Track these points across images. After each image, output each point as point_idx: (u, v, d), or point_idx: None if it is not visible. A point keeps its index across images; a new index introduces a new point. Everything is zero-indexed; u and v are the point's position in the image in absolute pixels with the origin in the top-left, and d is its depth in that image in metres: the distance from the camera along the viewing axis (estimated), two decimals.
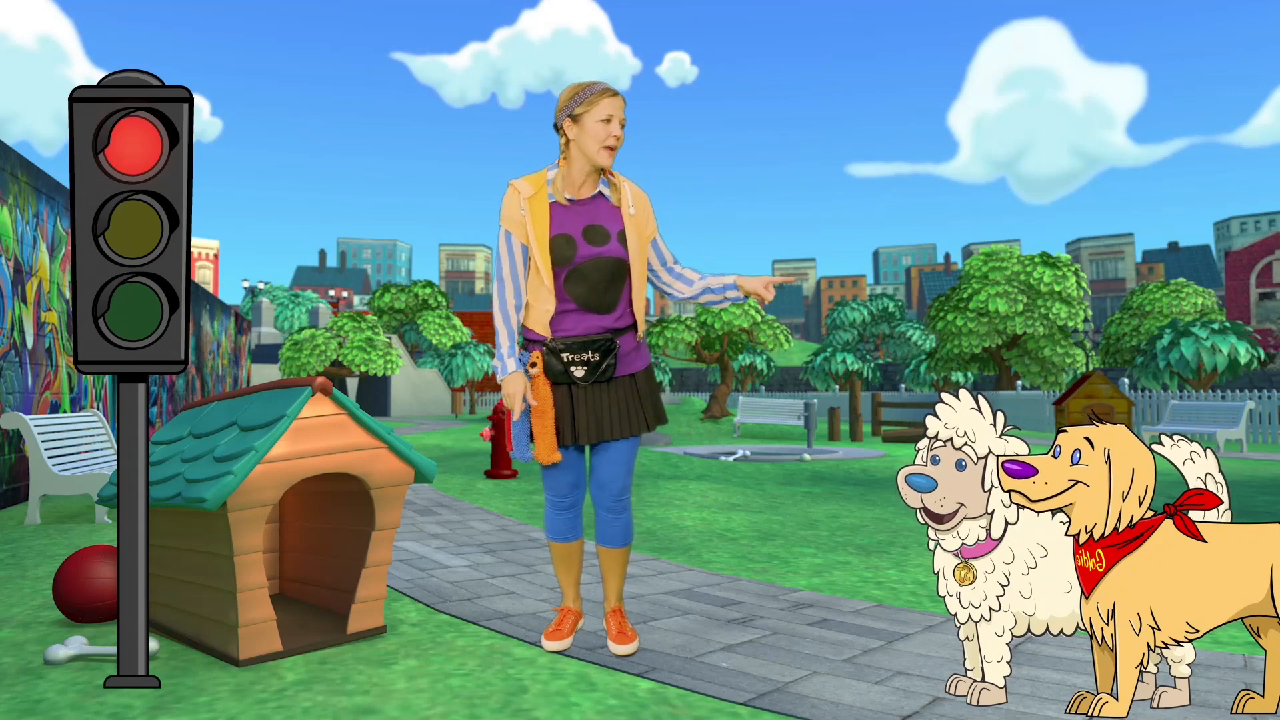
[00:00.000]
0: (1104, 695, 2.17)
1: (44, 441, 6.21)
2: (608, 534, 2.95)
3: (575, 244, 2.75)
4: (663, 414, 2.96)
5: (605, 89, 2.71)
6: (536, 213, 2.76)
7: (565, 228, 2.76)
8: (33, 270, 7.50)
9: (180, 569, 3.14)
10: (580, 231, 2.77)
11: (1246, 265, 62.64)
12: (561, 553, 3.01)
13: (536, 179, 2.80)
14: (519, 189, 2.78)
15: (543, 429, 2.78)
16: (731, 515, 6.62)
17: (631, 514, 2.98)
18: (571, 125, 2.73)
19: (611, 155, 2.73)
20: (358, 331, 31.36)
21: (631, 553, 4.04)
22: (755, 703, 2.48)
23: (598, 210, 2.82)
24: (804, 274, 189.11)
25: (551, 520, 2.99)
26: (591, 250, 2.76)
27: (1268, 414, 17.33)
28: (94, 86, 2.58)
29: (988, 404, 2.26)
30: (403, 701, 2.49)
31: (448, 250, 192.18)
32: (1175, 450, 2.33)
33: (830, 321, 56.79)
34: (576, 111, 2.71)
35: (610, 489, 2.89)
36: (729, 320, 23.33)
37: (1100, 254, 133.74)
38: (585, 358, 2.77)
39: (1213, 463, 2.30)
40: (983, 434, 2.23)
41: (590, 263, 2.75)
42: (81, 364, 2.62)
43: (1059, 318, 24.79)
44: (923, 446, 2.30)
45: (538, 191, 2.77)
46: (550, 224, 2.76)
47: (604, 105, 2.69)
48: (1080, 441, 2.09)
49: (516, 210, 2.77)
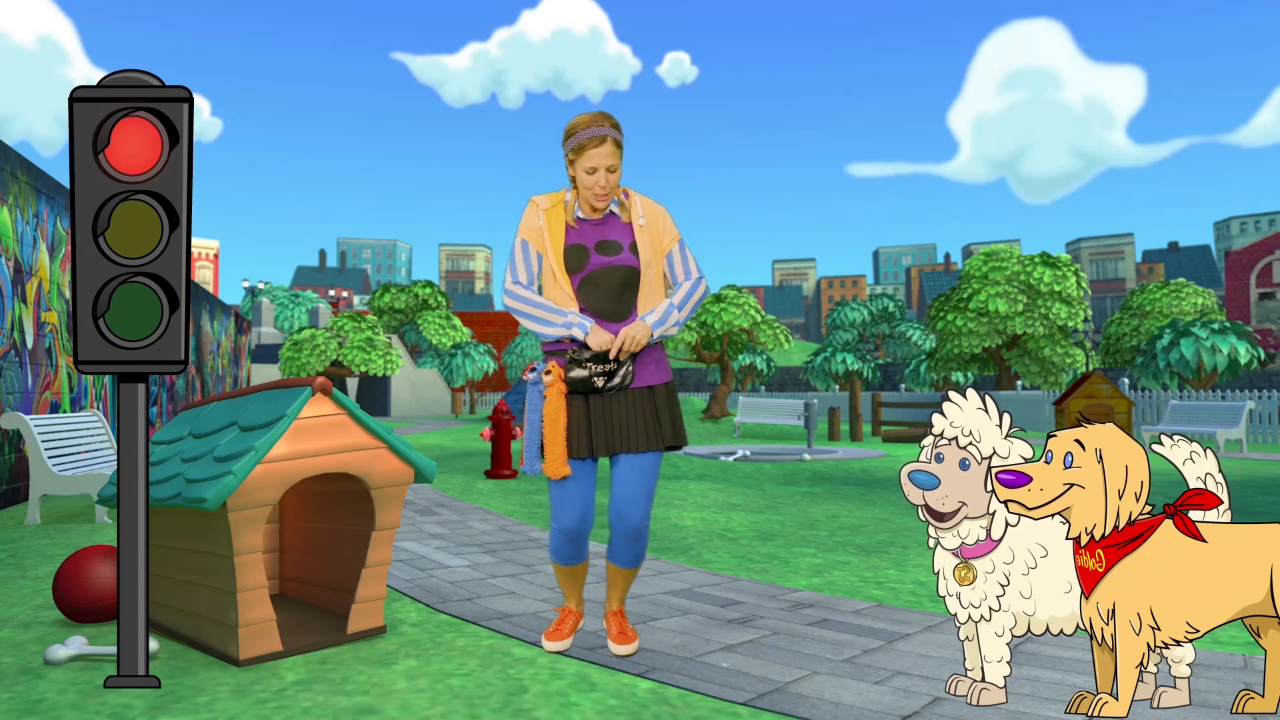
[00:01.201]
0: (1104, 695, 2.17)
1: (44, 441, 6.21)
2: (620, 556, 2.90)
3: (588, 254, 2.83)
4: (683, 433, 2.89)
5: (592, 138, 2.73)
6: (553, 224, 2.86)
7: (580, 240, 2.86)
8: (33, 270, 7.50)
9: (180, 569, 3.14)
10: (593, 244, 2.84)
11: (1246, 265, 62.64)
12: (568, 574, 2.98)
13: (555, 196, 2.91)
14: (538, 203, 2.90)
15: (553, 439, 2.75)
16: (731, 515, 6.62)
17: (648, 540, 2.94)
18: (569, 164, 2.83)
19: (604, 202, 2.82)
20: (358, 331, 31.37)
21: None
22: (755, 703, 2.48)
23: (610, 227, 2.88)
24: (804, 274, 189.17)
25: (559, 546, 2.90)
26: (603, 260, 2.82)
27: (1268, 414, 17.33)
28: (94, 86, 2.58)
29: (994, 404, 2.26)
30: (403, 701, 2.49)
31: (448, 250, 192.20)
32: (1175, 450, 2.33)
33: (830, 321, 56.79)
34: (569, 156, 2.81)
35: (629, 520, 2.81)
36: (729, 320, 23.33)
37: (1100, 254, 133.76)
38: (604, 368, 2.77)
39: (1213, 463, 2.30)
40: (988, 434, 2.23)
41: (601, 271, 2.80)
42: (81, 364, 2.62)
43: (1059, 318, 24.79)
44: (928, 444, 2.30)
45: (555, 205, 2.88)
46: (565, 236, 2.86)
47: (588, 157, 2.75)
48: (1071, 445, 2.09)
49: (535, 221, 2.87)
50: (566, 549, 2.89)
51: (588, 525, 2.87)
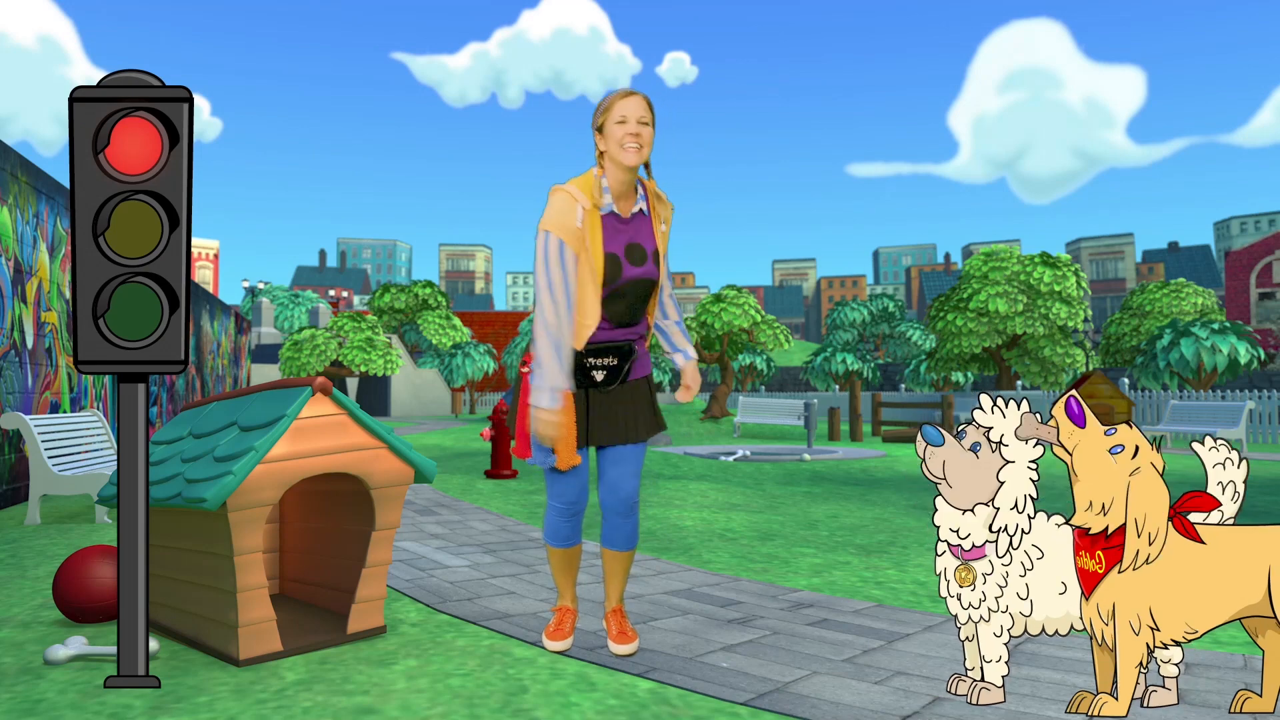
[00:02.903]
0: (1104, 695, 2.17)
1: (44, 441, 6.21)
2: (615, 537, 2.94)
3: (620, 265, 2.72)
4: (661, 419, 2.99)
5: (621, 92, 2.71)
6: (594, 226, 2.68)
7: (612, 246, 2.73)
8: (33, 270, 7.50)
9: (180, 569, 3.14)
10: (624, 250, 2.75)
11: (1246, 265, 62.65)
12: (562, 558, 3.01)
13: (585, 185, 2.69)
14: (575, 196, 2.66)
15: (565, 433, 2.78)
16: (731, 515, 6.62)
17: (639, 518, 2.99)
18: (600, 138, 2.72)
19: (636, 154, 2.64)
20: (358, 331, 31.37)
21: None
22: (755, 703, 2.48)
23: (640, 228, 2.80)
24: (804, 274, 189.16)
25: (556, 526, 2.95)
26: (634, 272, 2.75)
27: (1268, 414, 17.33)
28: (94, 86, 2.58)
29: (1034, 427, 2.25)
30: (403, 701, 2.49)
31: (448, 250, 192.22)
32: (1213, 454, 2.34)
33: (830, 321, 56.77)
34: (599, 123, 2.72)
35: (621, 493, 2.88)
36: (729, 320, 23.33)
37: (1100, 254, 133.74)
38: (605, 362, 2.80)
39: (1241, 473, 2.32)
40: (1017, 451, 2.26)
41: (630, 284, 2.75)
42: (81, 364, 2.62)
43: (1059, 318, 24.78)
44: (970, 429, 2.31)
45: (593, 205, 2.68)
46: (603, 240, 2.71)
47: (618, 108, 2.67)
48: (1134, 440, 2.12)
49: (573, 220, 2.64)
50: (564, 527, 2.94)
51: (584, 503, 2.94)
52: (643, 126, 2.65)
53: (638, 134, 2.64)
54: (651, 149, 2.69)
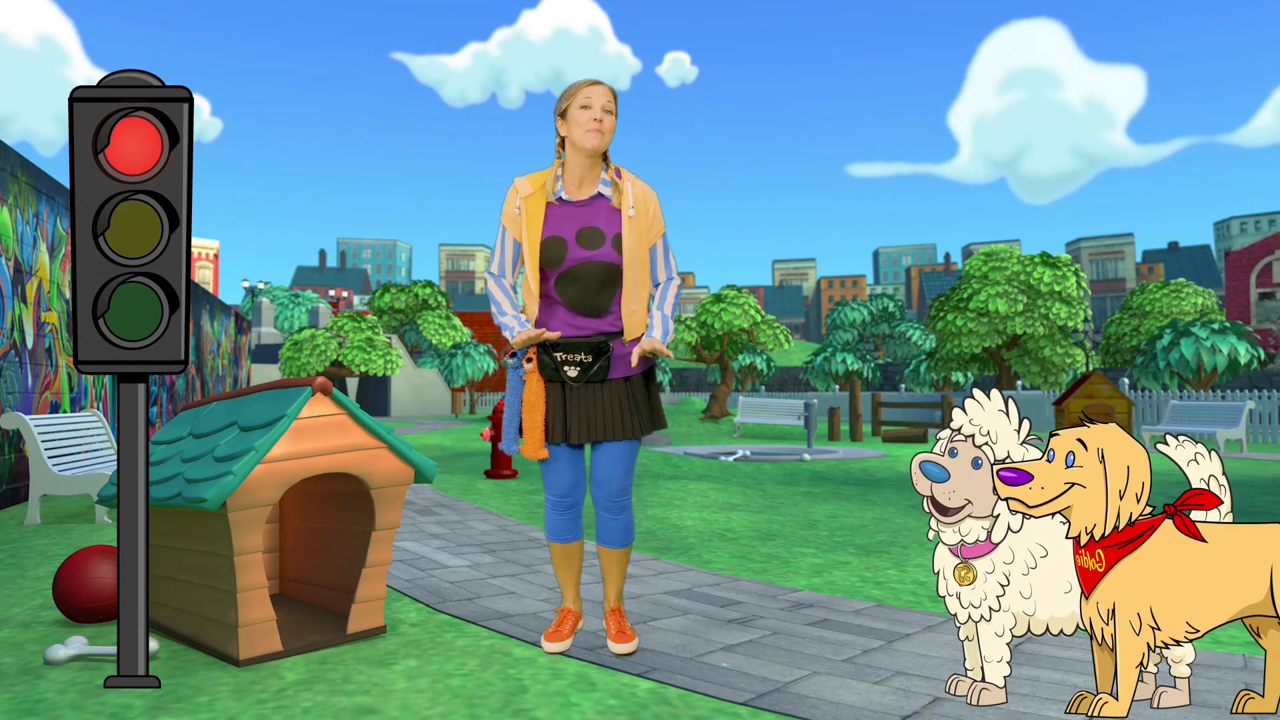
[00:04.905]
0: (1104, 695, 2.17)
1: (44, 441, 6.21)
2: (608, 534, 2.96)
3: (566, 246, 2.79)
4: (661, 417, 2.96)
5: (585, 80, 2.80)
6: (532, 213, 2.82)
7: (558, 230, 2.81)
8: (33, 270, 7.50)
9: (180, 569, 3.14)
10: (574, 234, 2.80)
11: (1246, 265, 62.63)
12: (561, 553, 3.01)
13: (538, 178, 2.87)
14: (518, 188, 2.86)
15: (532, 424, 2.80)
16: (731, 515, 6.62)
17: (632, 514, 2.99)
18: (562, 123, 2.82)
19: (598, 138, 2.75)
20: (358, 331, 31.36)
21: (632, 553, 4.04)
22: (755, 703, 2.48)
23: (596, 212, 2.83)
24: (804, 274, 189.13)
25: (552, 520, 2.98)
26: (582, 254, 2.78)
27: (1268, 414, 17.33)
28: (94, 86, 2.58)
29: (1015, 408, 2.26)
30: (403, 701, 2.49)
31: (448, 250, 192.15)
32: (1180, 451, 2.33)
33: (830, 321, 56.79)
34: (562, 108, 2.81)
35: (608, 488, 2.90)
36: (729, 320, 23.32)
37: (1100, 254, 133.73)
38: (577, 358, 2.80)
39: (1217, 464, 2.30)
40: (1005, 437, 2.24)
41: (580, 266, 2.78)
42: (81, 364, 2.62)
43: (1059, 318, 24.78)
44: (944, 437, 2.30)
45: (536, 191, 2.84)
46: (544, 225, 2.82)
47: (582, 94, 2.76)
48: (1073, 444, 2.09)
49: (513, 208, 2.86)
50: (556, 521, 2.96)
51: (579, 494, 2.95)
52: (606, 114, 2.77)
53: (600, 120, 2.75)
54: (612, 138, 2.81)
